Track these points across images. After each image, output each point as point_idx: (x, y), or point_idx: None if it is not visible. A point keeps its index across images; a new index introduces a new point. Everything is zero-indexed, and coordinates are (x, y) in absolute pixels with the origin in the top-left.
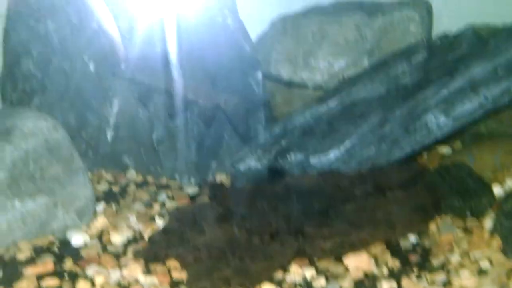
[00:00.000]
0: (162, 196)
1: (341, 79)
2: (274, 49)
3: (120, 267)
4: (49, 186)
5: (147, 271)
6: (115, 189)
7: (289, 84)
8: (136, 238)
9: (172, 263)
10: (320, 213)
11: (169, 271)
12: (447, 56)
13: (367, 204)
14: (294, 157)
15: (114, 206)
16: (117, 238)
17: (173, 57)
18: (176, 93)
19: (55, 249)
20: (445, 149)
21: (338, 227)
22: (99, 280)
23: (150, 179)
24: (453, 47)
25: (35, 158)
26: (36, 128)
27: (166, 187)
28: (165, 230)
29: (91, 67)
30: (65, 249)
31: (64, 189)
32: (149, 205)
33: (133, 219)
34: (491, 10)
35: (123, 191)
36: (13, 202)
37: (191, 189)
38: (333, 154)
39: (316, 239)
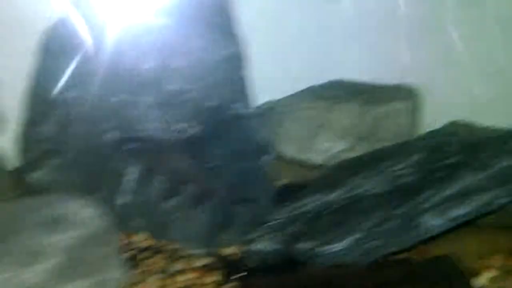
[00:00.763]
0: (177, 267)
1: (341, 163)
2: (279, 129)
3: None
4: (92, 269)
5: None
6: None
7: (291, 162)
8: None
9: None
10: None
11: None
12: (442, 160)
13: None
14: (304, 245)
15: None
16: None
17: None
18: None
19: None
20: None
21: None
22: None
23: (160, 244)
24: (445, 151)
25: (82, 244)
26: (84, 217)
27: (177, 255)
28: None
29: (109, 135)
30: None
31: (104, 271)
32: (169, 275)
33: None
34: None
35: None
36: (66, 285)
37: (203, 261)
38: (340, 246)
39: None
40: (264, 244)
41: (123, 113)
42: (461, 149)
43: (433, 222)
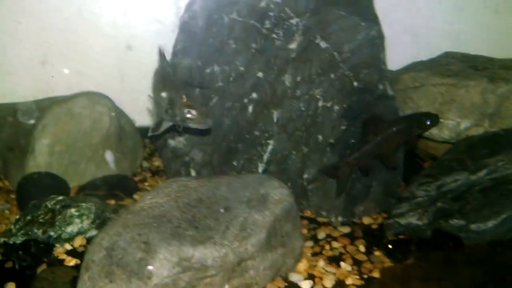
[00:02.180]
0: (322, 235)
1: (472, 140)
2: (406, 104)
3: None
4: (284, 240)
5: None
6: None
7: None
8: (339, 283)
9: None
10: (499, 280)
11: None
12: None
13: None
14: (456, 222)
15: None
16: (327, 283)
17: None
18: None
19: None
20: None
21: None
22: None
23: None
24: None
25: (280, 219)
26: (281, 196)
27: (315, 221)
28: (380, 283)
29: (250, 109)
30: None
31: (290, 241)
32: (316, 243)
33: (321, 262)
34: None
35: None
36: (267, 254)
37: (344, 229)
38: (491, 223)
39: None
40: (412, 218)
41: (266, 88)
42: None
43: None
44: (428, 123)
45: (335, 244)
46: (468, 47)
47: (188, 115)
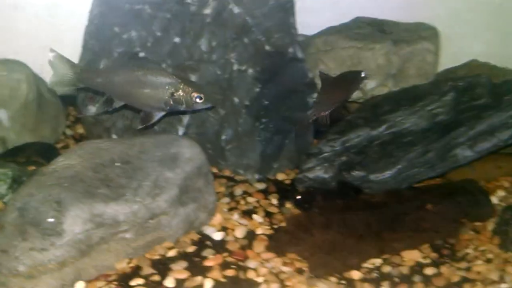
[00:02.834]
0: (238, 191)
1: (377, 100)
2: (317, 66)
3: (266, 260)
4: (196, 195)
5: (284, 263)
6: None
7: None
8: (250, 233)
9: (292, 256)
10: (389, 222)
11: (292, 261)
12: (471, 101)
13: (418, 215)
14: (357, 173)
15: None
16: (238, 234)
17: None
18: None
19: (208, 243)
20: None
21: (404, 233)
22: (261, 270)
23: (214, 170)
24: (474, 92)
25: (191, 176)
26: (192, 154)
27: (233, 179)
28: (284, 231)
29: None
30: (213, 244)
31: (203, 197)
32: (232, 199)
33: (235, 215)
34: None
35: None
36: (180, 209)
37: (260, 185)
38: (388, 173)
39: (390, 242)
40: (319, 172)
41: (183, 53)
42: (488, 91)
43: (464, 154)
44: (363, 75)
45: (250, 199)
46: (379, 12)
47: (197, 100)
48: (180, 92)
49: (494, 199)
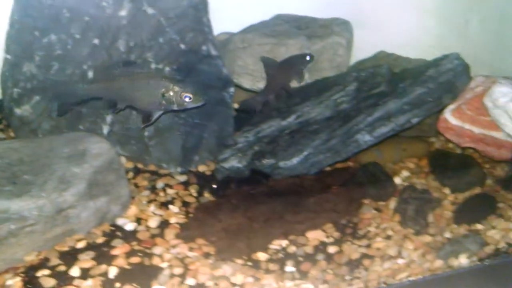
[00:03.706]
0: (160, 184)
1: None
2: (236, 63)
3: (173, 246)
4: (107, 189)
5: (190, 248)
6: None
7: (247, 90)
8: (163, 222)
9: (201, 241)
10: (294, 205)
11: (200, 246)
12: (371, 90)
13: (321, 198)
14: (267, 161)
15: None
16: (151, 223)
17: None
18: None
19: (119, 234)
20: None
21: (306, 215)
22: (166, 256)
23: (140, 165)
24: (374, 81)
25: (100, 171)
26: (100, 150)
27: (157, 173)
28: (192, 219)
29: (90, 74)
30: (124, 234)
31: (115, 190)
32: (153, 192)
33: (152, 207)
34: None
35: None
36: (89, 202)
37: (181, 178)
38: (295, 160)
39: (293, 223)
40: (234, 162)
41: (103, 54)
42: (386, 80)
43: (364, 139)
44: (308, 59)
45: (170, 191)
46: (297, 9)
47: (187, 99)
48: (171, 93)
49: (398, 180)
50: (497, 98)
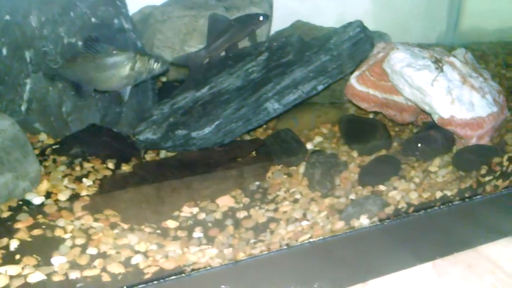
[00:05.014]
0: (78, 159)
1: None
2: (155, 36)
3: (77, 218)
4: (13, 166)
5: (95, 219)
6: (36, 151)
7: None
8: (74, 195)
9: (109, 212)
10: (202, 174)
11: (107, 217)
12: (280, 59)
13: (229, 166)
14: (180, 132)
15: (44, 169)
16: (62, 197)
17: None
18: None
19: (25, 208)
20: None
21: (213, 181)
22: (69, 228)
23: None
24: (284, 51)
25: (3, 147)
26: (1, 126)
27: None
28: (101, 191)
29: (4, 51)
30: (31, 208)
31: (22, 166)
32: (69, 167)
33: (65, 181)
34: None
35: (44, 153)
36: None
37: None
38: (207, 130)
39: (200, 190)
40: (148, 134)
41: (15, 30)
42: (295, 49)
43: (274, 106)
44: (261, 19)
45: (86, 165)
46: None
47: (155, 65)
48: (138, 64)
49: (310, 145)
50: (394, 63)
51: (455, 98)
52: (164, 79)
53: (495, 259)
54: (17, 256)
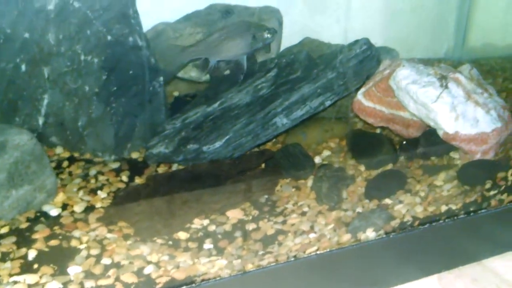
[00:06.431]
0: (93, 172)
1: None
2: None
3: (92, 229)
4: (31, 179)
5: (109, 230)
6: (52, 164)
7: (181, 79)
8: (89, 207)
9: (122, 223)
10: (213, 187)
11: (121, 228)
12: (289, 76)
13: (239, 179)
14: (191, 146)
15: (60, 181)
16: (77, 209)
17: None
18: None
19: (43, 219)
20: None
21: (223, 195)
22: (84, 238)
23: (76, 154)
24: (293, 67)
25: (22, 161)
26: (20, 141)
27: (91, 162)
28: (115, 203)
29: (23, 67)
30: (48, 219)
31: (39, 179)
32: (85, 179)
33: (81, 193)
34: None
35: (60, 166)
36: (12, 191)
37: (114, 165)
38: (217, 144)
39: (210, 204)
40: (161, 148)
41: (34, 47)
42: (303, 66)
43: (282, 122)
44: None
45: (101, 178)
46: None
47: (268, 35)
48: (257, 32)
49: (318, 159)
50: (400, 80)
51: (460, 114)
52: (176, 93)
53: (500, 272)
54: (35, 266)
